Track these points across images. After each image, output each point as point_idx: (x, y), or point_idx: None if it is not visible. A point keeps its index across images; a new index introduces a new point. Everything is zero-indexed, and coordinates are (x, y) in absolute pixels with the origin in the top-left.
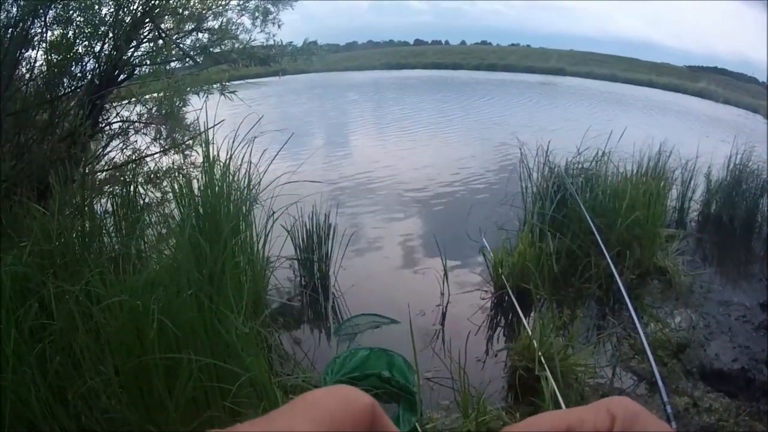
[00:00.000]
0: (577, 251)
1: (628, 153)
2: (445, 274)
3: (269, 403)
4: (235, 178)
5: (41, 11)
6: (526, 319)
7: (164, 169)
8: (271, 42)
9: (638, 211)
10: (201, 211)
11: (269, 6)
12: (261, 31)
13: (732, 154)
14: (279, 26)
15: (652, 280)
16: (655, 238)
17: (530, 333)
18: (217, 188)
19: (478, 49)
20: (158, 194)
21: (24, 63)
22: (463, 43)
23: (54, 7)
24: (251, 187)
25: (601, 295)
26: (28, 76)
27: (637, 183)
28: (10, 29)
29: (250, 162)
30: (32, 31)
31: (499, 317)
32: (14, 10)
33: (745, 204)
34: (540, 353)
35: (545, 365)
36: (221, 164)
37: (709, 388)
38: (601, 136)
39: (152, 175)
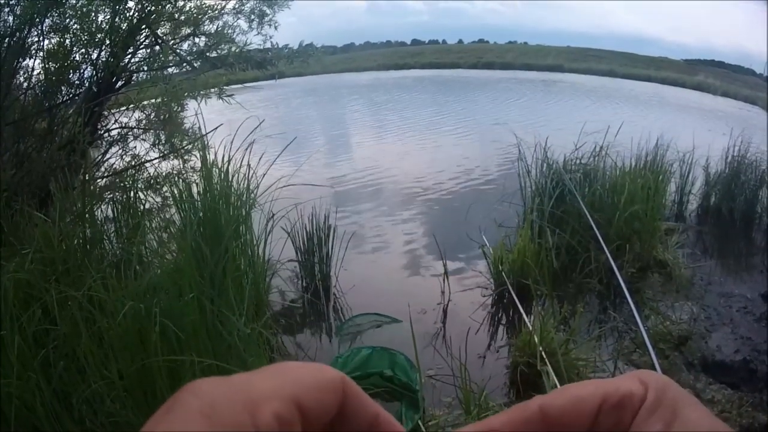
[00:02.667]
0: (577, 246)
1: (626, 147)
2: (446, 273)
3: None
4: (234, 182)
5: (38, 20)
6: (526, 315)
7: (164, 174)
8: (267, 44)
9: (637, 205)
10: (201, 215)
11: (265, 8)
12: (257, 34)
13: (730, 146)
14: (276, 28)
15: (653, 273)
16: (654, 232)
17: (531, 329)
18: (216, 192)
19: (475, 47)
20: (159, 199)
21: (22, 72)
22: (460, 42)
23: (50, 15)
24: (250, 190)
25: (601, 289)
26: (26, 84)
27: (635, 177)
28: (7, 38)
29: (249, 166)
30: (29, 39)
31: (500, 314)
32: (10, 19)
33: (744, 195)
34: (541, 348)
35: (546, 360)
36: (220, 168)
37: (711, 379)
38: (600, 131)
39: (152, 181)
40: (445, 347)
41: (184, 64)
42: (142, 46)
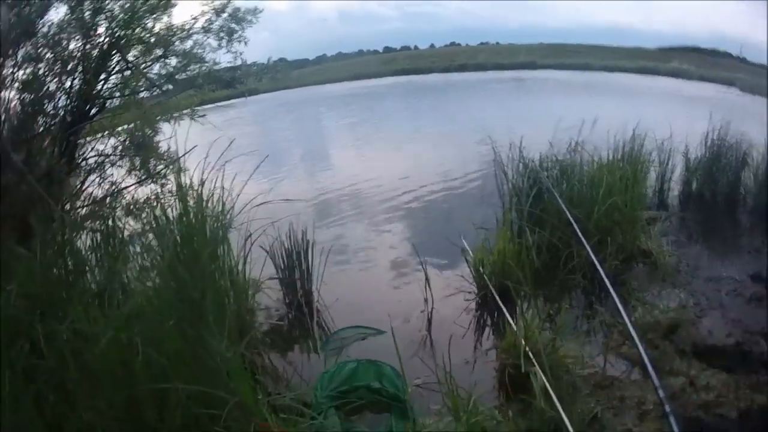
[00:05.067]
0: (558, 243)
1: (602, 140)
2: (427, 280)
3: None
4: (209, 204)
5: (11, 51)
6: (511, 316)
7: (143, 199)
8: (239, 61)
9: (615, 196)
10: (178, 239)
11: (233, 25)
12: (227, 51)
13: (709, 131)
14: (245, 44)
15: (637, 263)
16: (635, 222)
17: (515, 330)
18: (192, 215)
19: (447, 51)
20: (138, 225)
21: None
22: (432, 46)
23: (23, 45)
24: (225, 211)
25: (586, 284)
26: (2, 117)
27: (613, 169)
28: None
29: (223, 187)
30: (3, 71)
31: (485, 317)
32: None
33: (726, 178)
34: (527, 349)
35: (533, 360)
36: (195, 191)
37: (705, 365)
38: (574, 126)
39: (131, 207)
40: (433, 354)
41: (155, 88)
42: (114, 72)
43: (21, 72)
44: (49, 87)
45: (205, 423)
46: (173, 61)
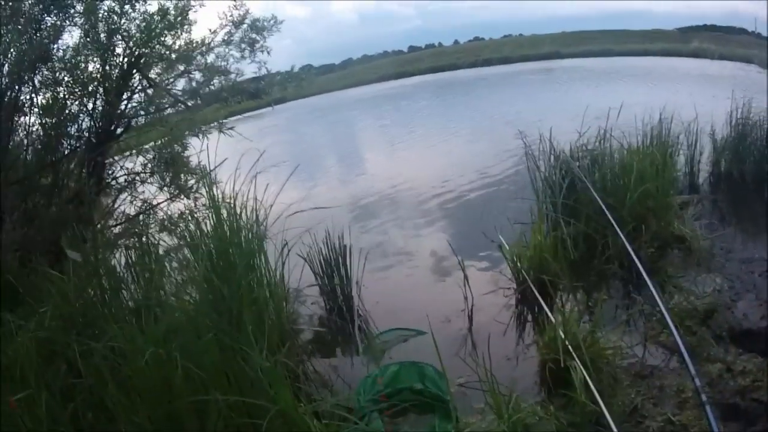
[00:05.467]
0: (593, 234)
1: (630, 126)
2: (465, 278)
3: None
4: (243, 215)
5: (26, 77)
6: (550, 310)
7: (177, 215)
8: (263, 71)
9: (647, 182)
10: (213, 252)
11: (253, 35)
12: (251, 62)
13: (732, 110)
14: (268, 53)
15: (672, 249)
16: (668, 207)
17: (554, 324)
18: (226, 228)
19: (471, 46)
20: (174, 241)
21: (20, 130)
22: (456, 42)
23: (39, 71)
24: (260, 222)
25: (623, 273)
26: (26, 141)
27: (643, 155)
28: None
29: (256, 197)
30: (22, 98)
31: (524, 312)
32: None
33: (753, 157)
34: (567, 343)
35: (573, 354)
36: (228, 203)
37: (741, 350)
38: (602, 114)
39: (166, 223)
40: (474, 353)
41: (180, 104)
42: (136, 91)
43: (40, 97)
44: (70, 109)
45: None
46: (196, 75)
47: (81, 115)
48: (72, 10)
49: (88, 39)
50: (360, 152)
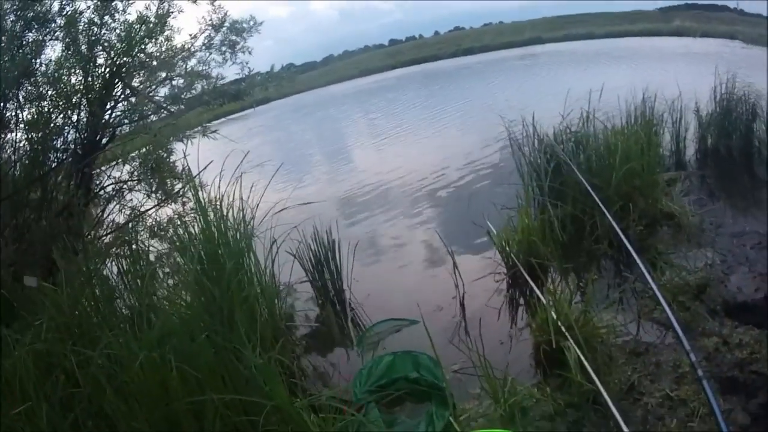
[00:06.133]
0: (581, 215)
1: (614, 107)
2: (455, 266)
3: (295, 426)
4: (230, 216)
5: (10, 94)
6: (541, 292)
7: (166, 220)
8: (246, 72)
9: (633, 161)
10: (202, 254)
11: (234, 38)
12: (233, 63)
13: (716, 85)
14: (250, 53)
15: (661, 226)
16: (655, 185)
17: (545, 305)
18: (214, 229)
19: (452, 36)
20: (164, 246)
21: (7, 146)
22: (436, 33)
23: (23, 87)
24: (247, 221)
25: (613, 252)
26: (13, 158)
27: (627, 134)
28: None
29: (242, 197)
30: (6, 114)
31: (516, 296)
32: None
33: (738, 131)
34: (560, 323)
35: (567, 335)
36: (214, 205)
37: (737, 323)
38: (585, 96)
39: (155, 229)
40: (468, 339)
41: (162, 111)
42: (119, 100)
43: (25, 112)
44: (55, 123)
45: (246, 430)
46: (178, 81)
47: (66, 127)
48: (53, 24)
49: (69, 52)
50: (349, 147)
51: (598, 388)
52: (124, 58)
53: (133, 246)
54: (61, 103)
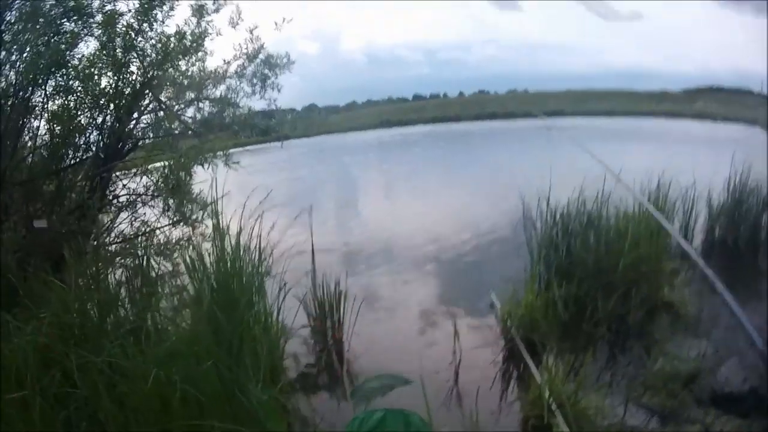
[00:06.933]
0: (584, 296)
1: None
2: (455, 333)
3: None
4: (247, 251)
5: (40, 80)
6: (537, 368)
7: (174, 240)
8: (272, 107)
9: (641, 248)
10: (214, 284)
11: (266, 71)
12: (261, 98)
13: (731, 175)
14: (279, 90)
15: (661, 314)
16: (660, 273)
17: (539, 382)
18: (228, 262)
19: (476, 99)
20: (170, 266)
21: (27, 132)
22: (461, 94)
23: (53, 76)
24: (263, 259)
25: (610, 336)
26: (31, 144)
27: (639, 220)
28: (11, 98)
29: (260, 235)
30: (33, 100)
31: (511, 369)
32: (13, 77)
33: (747, 223)
34: (551, 401)
35: (557, 412)
36: (231, 237)
37: (721, 412)
38: (601, 175)
39: (163, 247)
40: (460, 405)
41: (189, 131)
42: (146, 111)
43: (51, 103)
44: (80, 120)
45: None
46: (206, 105)
47: (89, 128)
48: (91, 20)
49: (104, 52)
50: (360, 199)
51: None
52: (157, 71)
53: (141, 260)
54: (87, 100)
